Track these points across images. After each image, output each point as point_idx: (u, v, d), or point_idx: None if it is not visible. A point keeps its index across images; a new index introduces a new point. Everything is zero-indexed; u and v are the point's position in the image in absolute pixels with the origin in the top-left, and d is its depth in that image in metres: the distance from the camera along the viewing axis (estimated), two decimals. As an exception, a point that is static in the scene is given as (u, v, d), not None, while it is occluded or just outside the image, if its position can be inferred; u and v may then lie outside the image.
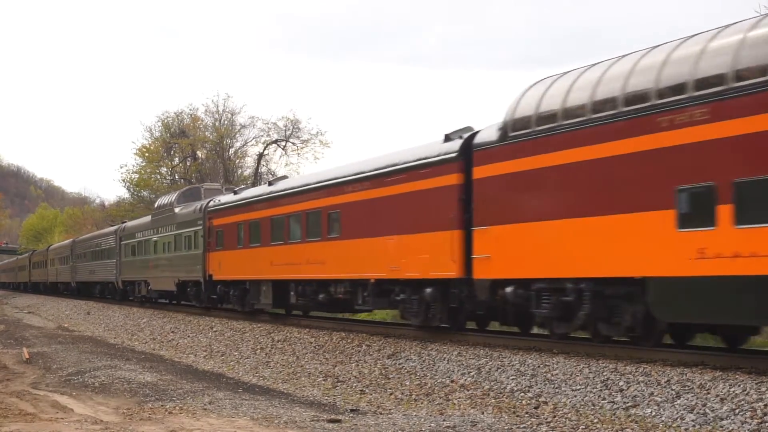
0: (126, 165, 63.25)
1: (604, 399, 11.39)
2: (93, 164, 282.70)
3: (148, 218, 37.81)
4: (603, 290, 13.43)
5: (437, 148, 17.16)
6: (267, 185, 26.80)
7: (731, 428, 9.50)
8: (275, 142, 57.11)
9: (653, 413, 10.45)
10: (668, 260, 12.03)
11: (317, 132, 55.96)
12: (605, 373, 12.29)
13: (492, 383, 13.37)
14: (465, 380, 13.91)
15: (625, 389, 11.48)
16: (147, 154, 59.84)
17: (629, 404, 10.97)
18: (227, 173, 56.38)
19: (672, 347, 13.56)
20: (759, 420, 9.50)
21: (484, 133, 16.03)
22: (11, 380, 16.30)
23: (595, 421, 10.51)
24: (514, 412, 11.52)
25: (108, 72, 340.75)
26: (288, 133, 56.35)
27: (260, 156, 57.66)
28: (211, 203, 29.44)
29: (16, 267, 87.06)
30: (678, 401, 10.57)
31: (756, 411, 9.71)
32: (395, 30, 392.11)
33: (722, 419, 9.77)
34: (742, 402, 10.04)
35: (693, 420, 9.93)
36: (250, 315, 26.63)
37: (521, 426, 10.58)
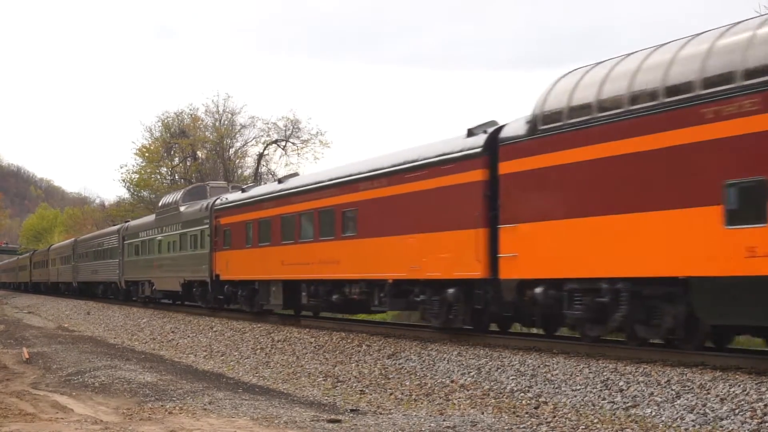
0: (126, 165, 63.33)
1: (604, 399, 11.39)
2: (93, 164, 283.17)
3: (152, 217, 37.29)
4: (641, 290, 12.84)
5: (460, 143, 16.61)
6: (277, 183, 26.15)
7: (731, 428, 9.50)
8: (275, 142, 57.23)
9: (653, 413, 10.45)
10: (714, 259, 11.41)
11: (317, 132, 56.25)
12: (605, 373, 12.29)
13: (492, 383, 13.37)
14: (465, 380, 13.91)
15: (625, 389, 11.48)
16: (147, 154, 59.87)
17: (629, 404, 10.96)
18: (227, 173, 56.35)
19: (710, 350, 13.04)
20: (759, 420, 9.50)
21: (511, 127, 15.45)
22: (11, 380, 16.29)
23: (595, 421, 10.51)
24: (514, 412, 11.51)
25: (108, 72, 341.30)
26: (288, 133, 56.50)
27: (260, 156, 57.81)
28: (218, 201, 28.95)
29: (17, 267, 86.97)
30: (678, 401, 10.56)
31: (756, 411, 9.71)
32: (395, 30, 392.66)
33: (722, 419, 9.77)
34: (742, 402, 10.03)
35: (693, 420, 9.93)
36: (250, 315, 26.59)
37: (521, 426, 10.57)
